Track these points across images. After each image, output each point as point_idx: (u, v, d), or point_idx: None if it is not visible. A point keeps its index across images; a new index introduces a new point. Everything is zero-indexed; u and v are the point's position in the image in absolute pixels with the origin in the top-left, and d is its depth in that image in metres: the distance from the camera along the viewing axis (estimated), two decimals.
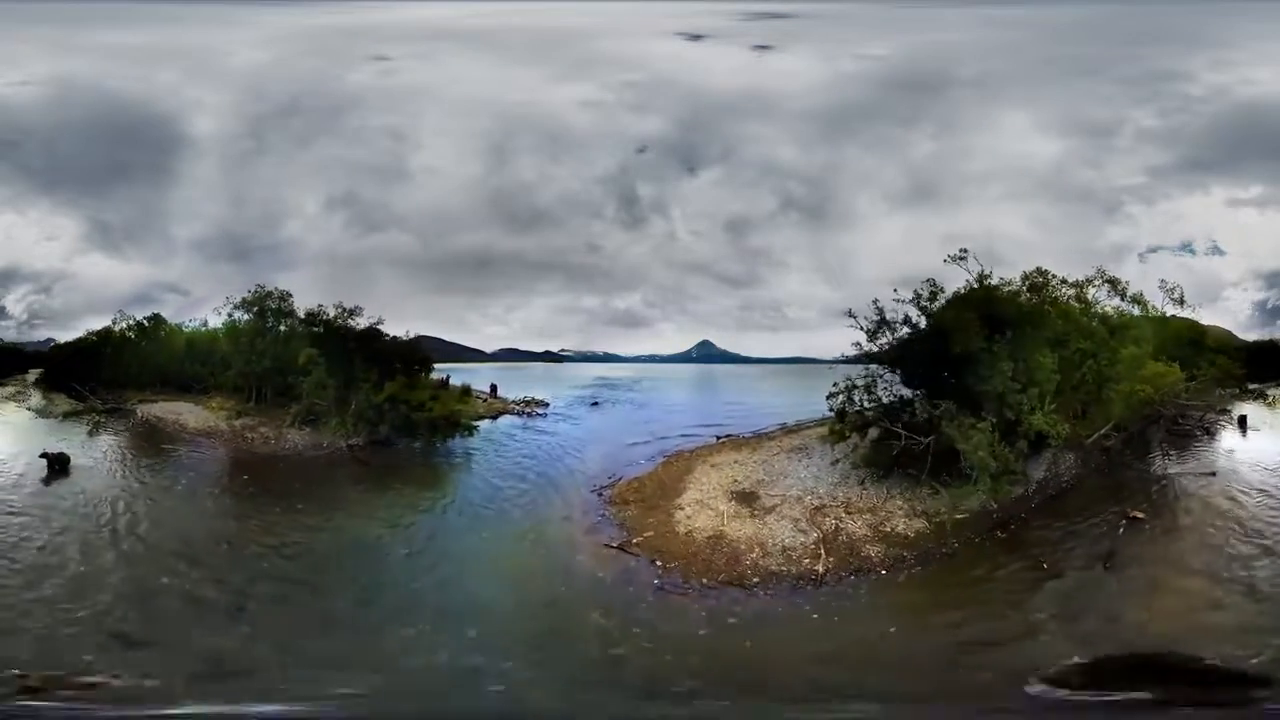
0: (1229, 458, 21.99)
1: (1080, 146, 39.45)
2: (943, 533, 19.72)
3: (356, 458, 25.70)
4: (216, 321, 30.85)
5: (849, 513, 21.94)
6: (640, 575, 18.89)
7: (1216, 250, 38.26)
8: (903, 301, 24.47)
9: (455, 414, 29.62)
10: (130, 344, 32.99)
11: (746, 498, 24.03)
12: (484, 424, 34.62)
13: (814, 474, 25.32)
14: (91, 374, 32.21)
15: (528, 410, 39.70)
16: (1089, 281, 22.81)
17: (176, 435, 25.99)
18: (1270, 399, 27.75)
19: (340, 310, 28.49)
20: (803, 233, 44.33)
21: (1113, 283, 22.75)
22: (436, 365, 48.24)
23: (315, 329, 28.12)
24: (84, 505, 17.23)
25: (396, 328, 42.54)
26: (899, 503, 21.84)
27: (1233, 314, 36.86)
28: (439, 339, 45.27)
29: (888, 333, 24.66)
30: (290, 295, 29.55)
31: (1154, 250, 38.69)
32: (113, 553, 14.50)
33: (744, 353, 47.30)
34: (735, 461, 27.97)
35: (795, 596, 17.63)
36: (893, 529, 20.62)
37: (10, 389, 35.15)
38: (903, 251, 42.82)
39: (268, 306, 29.18)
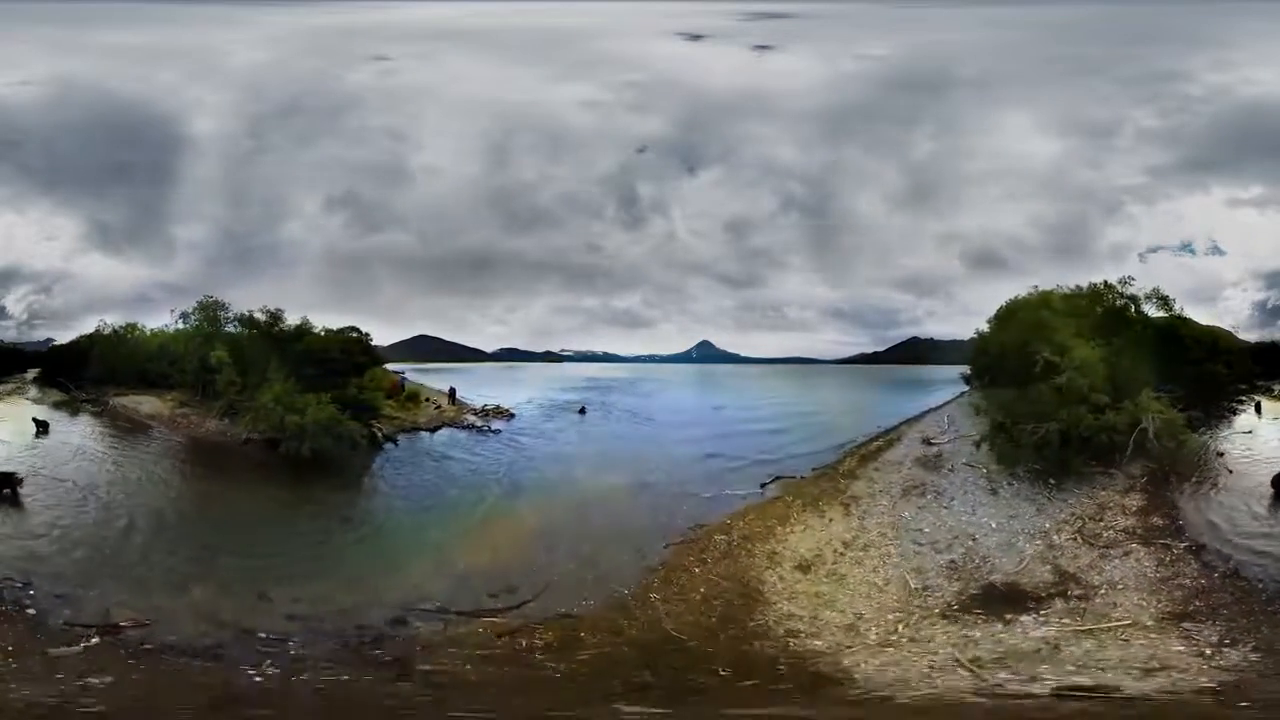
0: (1253, 427, 27.74)
1: (1080, 146, 39.35)
2: (1154, 497, 20.50)
3: (244, 451, 28.59)
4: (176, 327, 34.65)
5: (1104, 522, 18.53)
6: None
7: (1216, 250, 38.30)
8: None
9: (333, 422, 27.37)
10: (112, 346, 36.41)
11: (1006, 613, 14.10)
12: (423, 436, 31.43)
13: (1006, 518, 18.96)
14: (80, 372, 36.38)
15: (478, 424, 34.69)
16: (1146, 297, 27.45)
17: (129, 418, 32.72)
18: (1276, 393, 31.63)
19: (267, 314, 31.59)
20: (803, 233, 44.09)
21: (1164, 299, 27.45)
22: (437, 365, 48.20)
23: (250, 331, 31.55)
24: (63, 447, 28.19)
25: (397, 328, 42.74)
26: (1103, 494, 20.29)
27: (1233, 314, 37.05)
28: (439, 339, 45.37)
29: None
30: (227, 305, 33.03)
31: (1154, 250, 38.75)
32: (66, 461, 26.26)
33: (744, 353, 47.25)
34: (843, 545, 17.47)
35: None
36: (1135, 508, 19.40)
37: (10, 386, 37.79)
38: (903, 251, 42.79)
39: (208, 314, 32.86)
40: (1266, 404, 29.98)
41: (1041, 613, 14.34)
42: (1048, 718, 9.68)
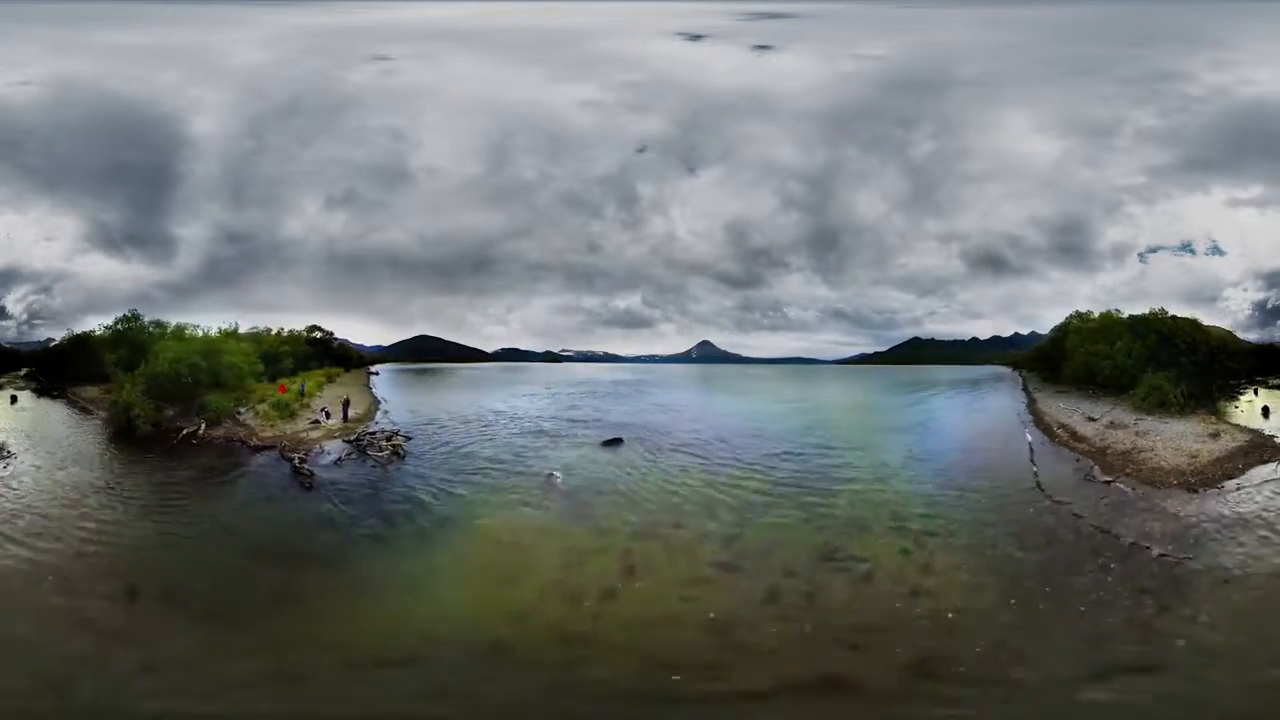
0: (1252, 400, 35.76)
1: (1080, 146, 39.45)
2: (1217, 416, 34.49)
3: (120, 428, 33.87)
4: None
5: (1214, 421, 32.59)
6: None
7: (1216, 250, 38.45)
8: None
9: (127, 407, 32.95)
10: (77, 349, 39.32)
11: None
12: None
13: (1197, 426, 32.02)
14: (59, 371, 39.63)
15: (302, 465, 29.31)
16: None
17: (74, 401, 38.56)
18: (1271, 384, 37.36)
19: (153, 324, 37.06)
20: (803, 233, 44.13)
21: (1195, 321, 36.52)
22: (438, 364, 48.11)
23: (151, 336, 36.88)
24: (28, 414, 36.69)
25: (397, 328, 43.66)
26: (1201, 415, 33.23)
27: (1233, 314, 37.36)
28: (439, 339, 45.33)
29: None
30: (141, 315, 37.41)
31: (1154, 250, 38.92)
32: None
33: (744, 353, 47.22)
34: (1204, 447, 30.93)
35: None
36: (1214, 421, 33.20)
37: (4, 380, 40.44)
38: (903, 251, 42.84)
39: (127, 323, 37.25)
40: (1263, 391, 37.32)
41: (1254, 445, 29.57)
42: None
